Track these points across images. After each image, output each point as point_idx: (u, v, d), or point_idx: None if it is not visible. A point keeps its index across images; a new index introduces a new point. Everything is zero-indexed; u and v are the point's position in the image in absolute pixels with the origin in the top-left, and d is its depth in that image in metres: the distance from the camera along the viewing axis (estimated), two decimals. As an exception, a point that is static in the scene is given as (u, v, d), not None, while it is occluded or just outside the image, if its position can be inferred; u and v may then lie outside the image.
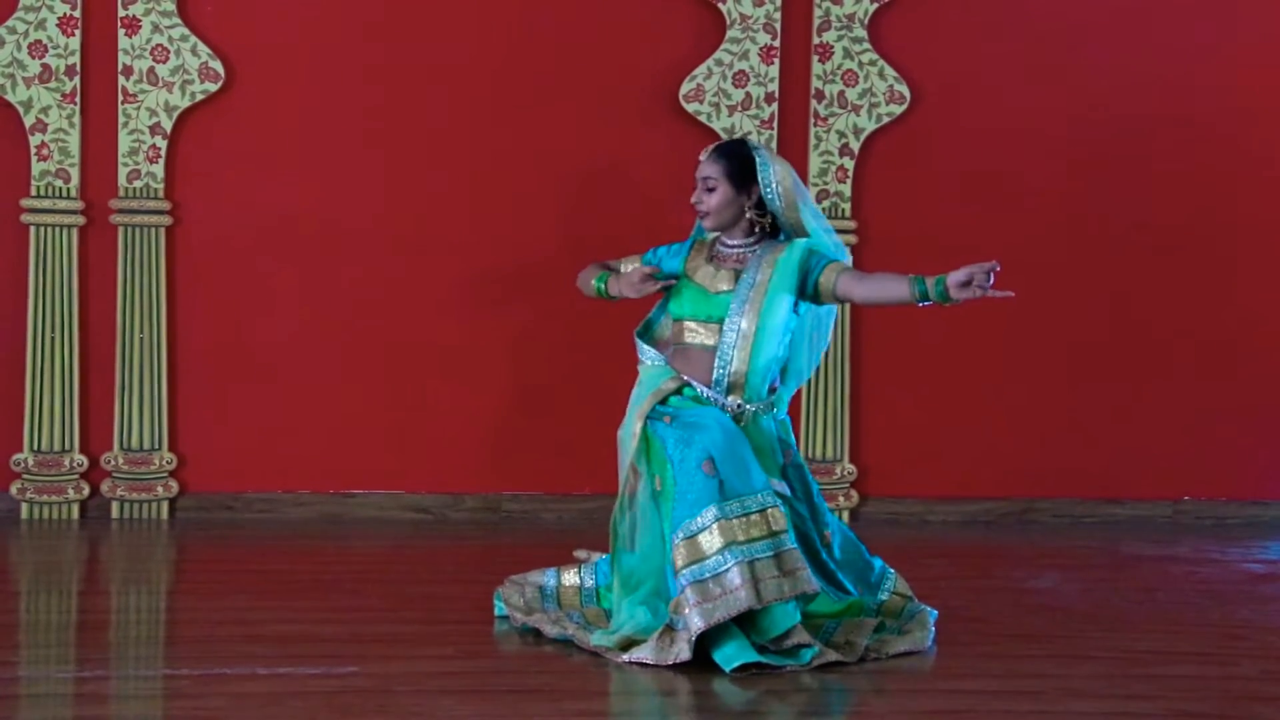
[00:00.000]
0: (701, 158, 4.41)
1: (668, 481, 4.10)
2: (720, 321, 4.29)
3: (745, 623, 3.99)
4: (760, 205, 4.36)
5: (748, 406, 4.26)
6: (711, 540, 3.98)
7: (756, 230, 4.40)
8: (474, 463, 6.17)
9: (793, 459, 4.33)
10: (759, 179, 4.32)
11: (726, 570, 3.95)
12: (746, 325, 4.26)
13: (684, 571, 3.97)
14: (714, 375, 4.27)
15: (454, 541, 5.81)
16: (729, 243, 4.42)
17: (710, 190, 4.35)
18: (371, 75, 6.08)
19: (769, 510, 4.03)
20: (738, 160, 4.35)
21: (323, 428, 6.10)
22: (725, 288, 4.32)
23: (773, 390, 4.35)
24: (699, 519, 4.00)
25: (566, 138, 6.15)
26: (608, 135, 6.19)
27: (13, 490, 5.93)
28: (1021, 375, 6.41)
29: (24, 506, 5.93)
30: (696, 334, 4.34)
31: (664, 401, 4.25)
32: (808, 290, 4.29)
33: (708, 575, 3.96)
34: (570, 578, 4.48)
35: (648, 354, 4.38)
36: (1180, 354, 6.48)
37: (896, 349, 6.33)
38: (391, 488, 6.15)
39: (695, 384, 4.27)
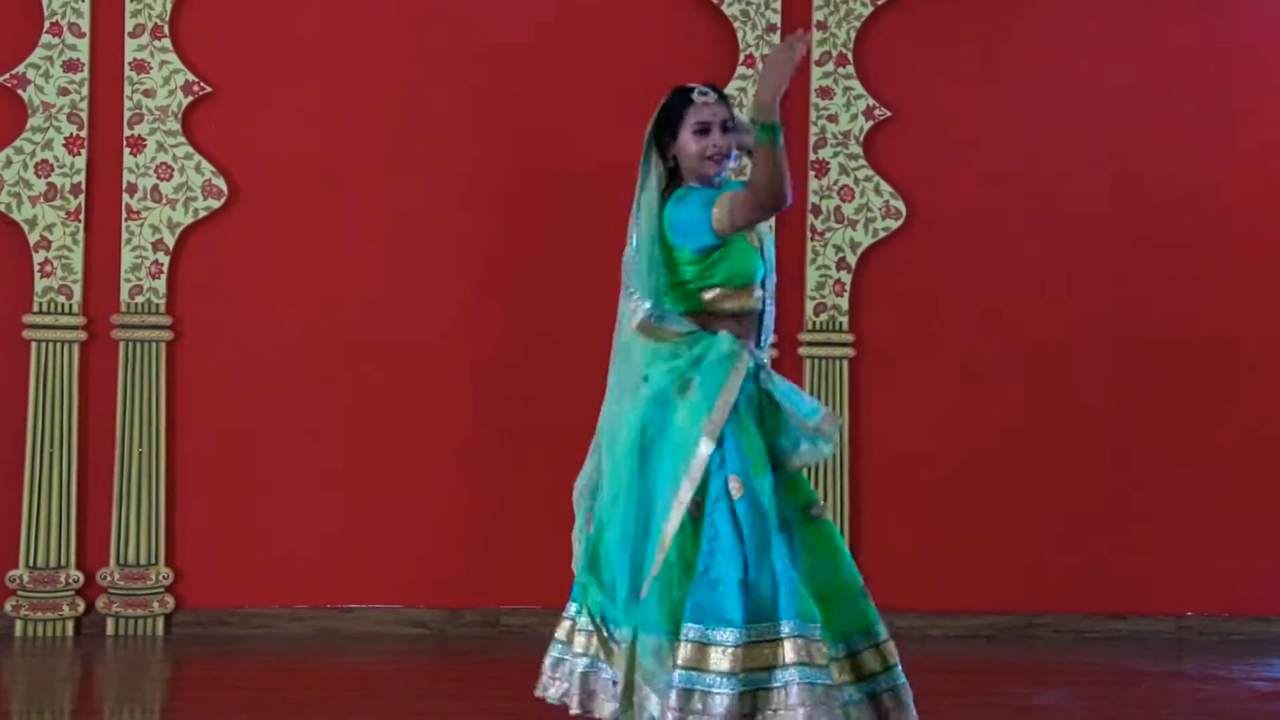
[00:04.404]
0: (707, 100, 3.83)
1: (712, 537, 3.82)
2: (763, 281, 3.97)
3: None
4: None
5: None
6: (720, 659, 3.86)
7: None
8: (472, 577, 6.14)
9: None
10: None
11: (717, 694, 3.83)
12: (773, 279, 4.00)
13: (679, 671, 3.81)
14: (760, 337, 3.98)
15: (452, 657, 5.76)
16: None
17: (727, 131, 3.85)
18: (372, 194, 6.14)
19: (784, 641, 3.88)
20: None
21: (320, 543, 6.08)
22: (756, 244, 3.98)
23: None
24: (718, 633, 3.80)
25: (565, 246, 6.18)
26: (608, 241, 6.21)
27: (7, 607, 5.89)
28: (1022, 489, 6.39)
29: (18, 624, 5.88)
30: (755, 297, 3.93)
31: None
32: None
33: (698, 688, 3.86)
34: (563, 629, 4.08)
35: (686, 325, 3.88)
36: (1183, 468, 6.45)
37: (894, 462, 6.32)
38: (389, 602, 6.12)
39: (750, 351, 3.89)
